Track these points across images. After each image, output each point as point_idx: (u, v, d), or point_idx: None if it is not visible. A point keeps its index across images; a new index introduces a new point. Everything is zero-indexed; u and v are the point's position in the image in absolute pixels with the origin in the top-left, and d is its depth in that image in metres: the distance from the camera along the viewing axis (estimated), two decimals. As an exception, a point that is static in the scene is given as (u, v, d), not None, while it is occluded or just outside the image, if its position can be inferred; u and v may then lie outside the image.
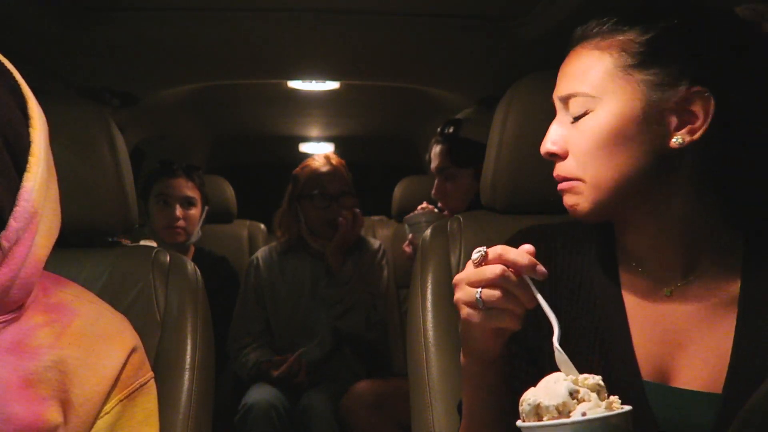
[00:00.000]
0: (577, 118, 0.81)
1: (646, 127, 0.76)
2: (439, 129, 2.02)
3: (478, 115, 2.19)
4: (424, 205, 2.17)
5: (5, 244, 0.74)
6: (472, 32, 1.55)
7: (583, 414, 0.62)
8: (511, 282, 0.70)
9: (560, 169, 0.84)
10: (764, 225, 0.81)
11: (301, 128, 3.28)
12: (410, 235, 2.12)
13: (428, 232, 1.27)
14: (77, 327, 0.83)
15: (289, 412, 2.02)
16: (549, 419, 0.63)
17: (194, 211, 2.26)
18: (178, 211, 2.19)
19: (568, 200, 0.84)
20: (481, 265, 0.72)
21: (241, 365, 2.14)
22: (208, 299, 1.25)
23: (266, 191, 3.87)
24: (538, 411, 0.64)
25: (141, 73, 1.89)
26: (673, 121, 0.76)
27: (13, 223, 0.75)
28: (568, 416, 0.63)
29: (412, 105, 2.64)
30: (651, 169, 0.78)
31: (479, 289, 0.71)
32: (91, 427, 0.81)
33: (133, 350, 0.86)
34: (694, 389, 0.77)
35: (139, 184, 2.18)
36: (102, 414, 0.82)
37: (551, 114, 0.98)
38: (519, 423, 0.66)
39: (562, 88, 0.84)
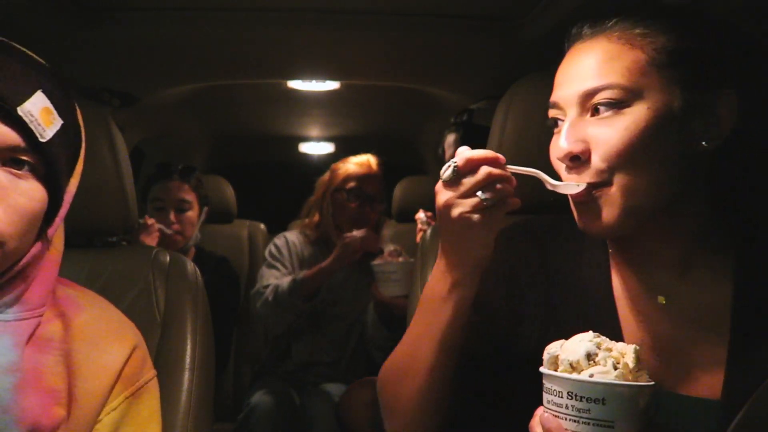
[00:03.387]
0: (605, 114, 0.74)
1: (680, 128, 0.74)
2: (452, 119, 2.03)
3: (491, 105, 2.19)
4: (391, 249, 2.06)
5: (50, 234, 0.80)
6: (472, 32, 1.55)
7: (590, 376, 0.64)
8: (496, 173, 0.73)
9: (584, 174, 0.76)
10: (757, 226, 0.80)
11: (301, 128, 3.28)
12: (375, 285, 2.01)
13: (428, 231, 1.27)
14: (82, 321, 0.84)
15: (292, 412, 2.02)
16: (561, 372, 0.66)
17: (190, 214, 2.24)
18: (172, 216, 2.18)
19: (592, 216, 0.77)
20: (457, 178, 0.74)
21: (277, 295, 2.01)
22: (208, 299, 1.26)
23: (266, 191, 3.88)
24: (555, 362, 0.68)
25: (141, 73, 1.89)
26: (703, 122, 0.74)
27: (57, 220, 0.81)
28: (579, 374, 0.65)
29: (412, 105, 2.64)
30: (680, 172, 0.75)
31: (479, 192, 0.73)
32: (94, 422, 0.81)
33: (135, 347, 0.87)
34: (692, 395, 0.77)
35: (138, 186, 2.18)
36: (108, 410, 0.82)
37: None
38: (541, 369, 0.69)
39: (585, 82, 0.76)
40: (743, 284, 0.78)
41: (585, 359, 0.66)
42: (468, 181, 0.74)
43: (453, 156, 2.19)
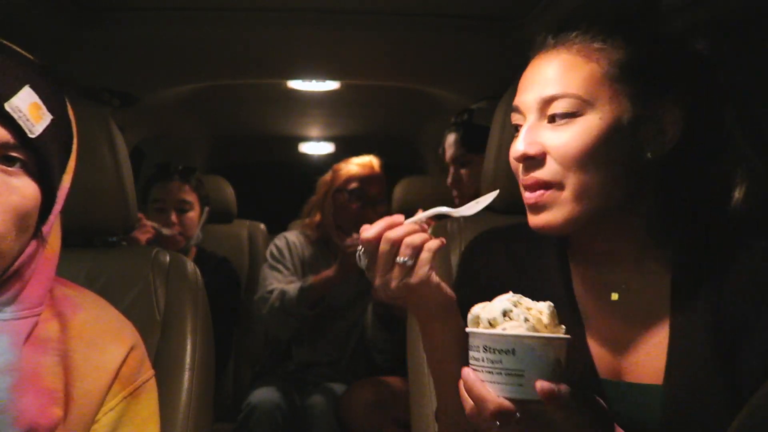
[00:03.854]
0: (560, 121, 0.79)
1: (629, 137, 0.79)
2: (452, 119, 2.03)
3: (491, 105, 2.19)
4: None
5: (45, 231, 0.78)
6: (472, 32, 1.55)
7: (503, 329, 0.69)
8: (399, 233, 0.77)
9: (538, 173, 0.81)
10: (694, 224, 0.84)
11: (301, 128, 3.28)
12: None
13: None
14: (80, 321, 0.84)
15: (292, 412, 2.02)
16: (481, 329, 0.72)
17: (191, 215, 2.23)
18: (173, 217, 2.18)
19: (543, 215, 0.81)
20: (371, 258, 0.79)
21: (284, 301, 2.02)
22: (208, 299, 1.26)
23: (266, 191, 3.88)
24: (476, 320, 0.73)
25: (141, 73, 1.89)
26: (649, 133, 0.80)
27: (51, 217, 0.79)
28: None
29: (412, 105, 2.64)
30: (628, 178, 0.80)
31: (398, 259, 0.77)
32: (91, 422, 0.81)
33: (133, 347, 0.87)
34: (643, 383, 0.82)
35: (138, 186, 2.18)
36: (106, 410, 0.82)
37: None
38: (466, 329, 0.75)
39: (544, 90, 0.81)
40: (680, 276, 0.83)
41: (501, 316, 0.71)
42: (380, 258, 0.78)
43: (453, 156, 2.17)
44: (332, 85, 2.26)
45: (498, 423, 0.69)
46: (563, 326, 0.72)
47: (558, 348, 0.70)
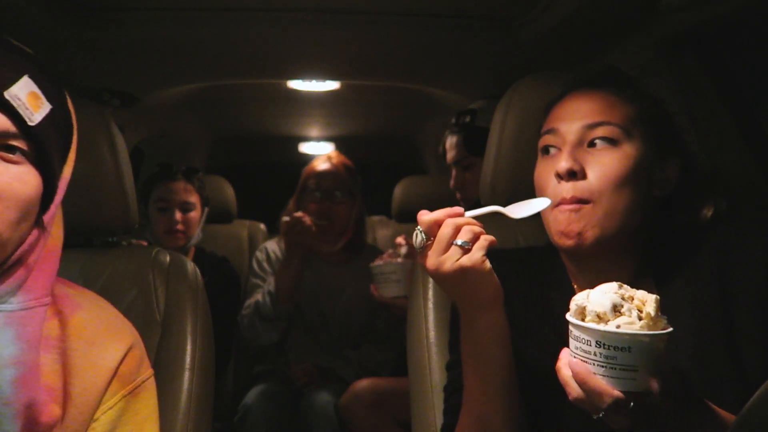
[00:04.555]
0: (600, 146, 0.91)
1: (649, 174, 0.93)
2: (453, 120, 2.02)
3: (490, 105, 2.18)
4: (400, 240, 2.04)
5: (46, 220, 0.79)
6: (472, 32, 1.55)
7: (617, 327, 0.70)
8: (461, 221, 0.82)
9: (577, 188, 0.90)
10: (668, 244, 0.96)
11: (301, 128, 3.28)
12: (373, 286, 2.00)
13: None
14: (79, 319, 0.84)
15: (289, 412, 2.02)
16: (589, 321, 0.72)
17: (194, 215, 2.25)
18: (178, 216, 2.19)
19: (576, 224, 0.89)
20: (425, 241, 0.83)
21: (261, 310, 2.08)
22: (208, 299, 1.26)
23: (266, 191, 3.87)
24: (582, 312, 0.74)
25: (141, 73, 1.89)
26: (658, 177, 0.94)
27: (53, 207, 0.80)
28: (606, 324, 0.71)
29: (412, 105, 2.64)
30: (641, 209, 0.92)
31: (456, 241, 0.81)
32: (89, 421, 0.81)
33: (132, 346, 0.87)
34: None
35: (138, 186, 2.18)
36: (105, 409, 0.82)
37: (550, 114, 1.01)
38: (568, 317, 0.76)
39: (589, 117, 0.92)
40: (663, 284, 0.94)
41: (611, 311, 0.71)
42: (438, 240, 0.82)
43: (454, 158, 2.16)
44: (332, 85, 2.26)
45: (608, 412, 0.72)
46: (664, 317, 0.73)
47: (665, 340, 0.72)
